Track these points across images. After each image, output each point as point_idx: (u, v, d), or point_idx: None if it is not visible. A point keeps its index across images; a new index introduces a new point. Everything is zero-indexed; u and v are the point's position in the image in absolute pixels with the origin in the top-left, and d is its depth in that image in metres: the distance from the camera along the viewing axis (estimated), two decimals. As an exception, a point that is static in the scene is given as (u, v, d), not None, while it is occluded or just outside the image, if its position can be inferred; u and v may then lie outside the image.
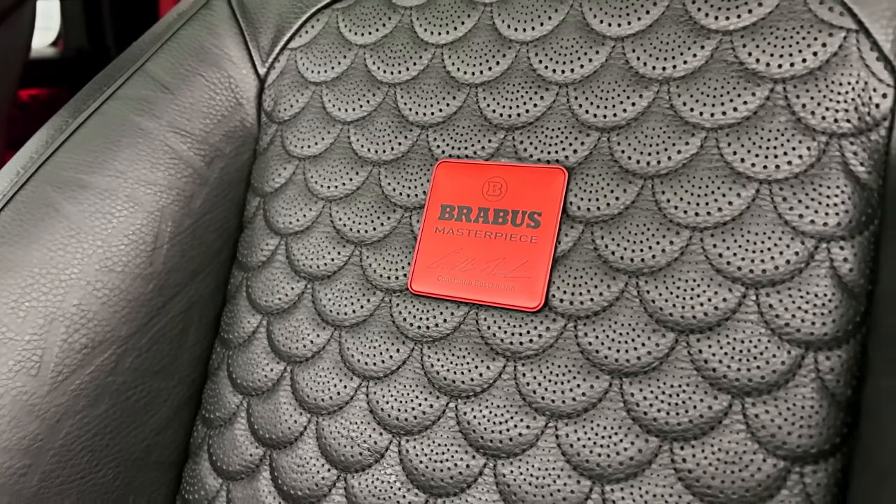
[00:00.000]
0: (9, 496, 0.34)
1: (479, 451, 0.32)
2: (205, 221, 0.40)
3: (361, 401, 0.35)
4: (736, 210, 0.30)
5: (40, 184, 0.38)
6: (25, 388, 0.34)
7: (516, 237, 0.34)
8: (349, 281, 0.37)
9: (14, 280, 0.36)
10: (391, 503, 0.33)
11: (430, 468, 0.33)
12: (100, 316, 0.36)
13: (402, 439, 0.33)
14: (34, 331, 0.35)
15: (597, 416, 0.30)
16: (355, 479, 0.34)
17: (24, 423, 0.34)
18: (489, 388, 0.32)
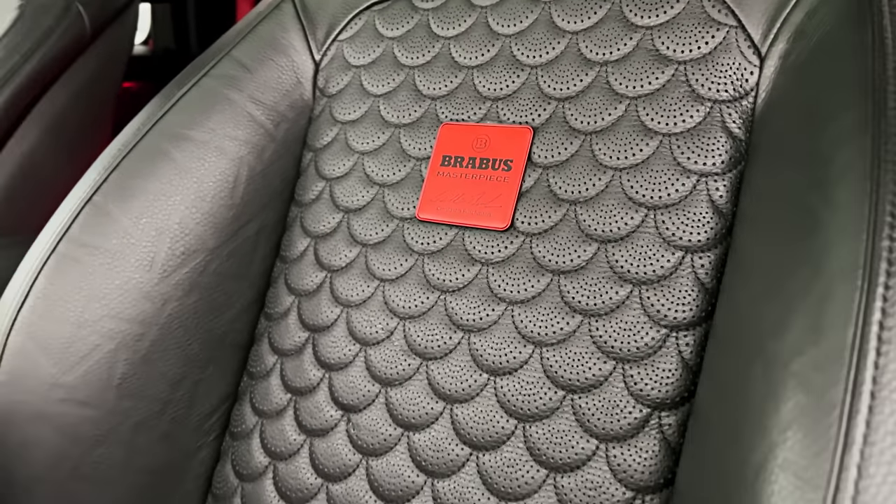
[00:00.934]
0: (127, 353, 0.48)
1: (459, 328, 0.44)
2: (272, 169, 0.54)
3: (378, 296, 0.48)
4: (645, 156, 0.41)
5: (155, 136, 0.52)
6: (142, 279, 0.48)
7: (494, 178, 0.46)
8: (374, 212, 0.50)
9: (137, 203, 0.50)
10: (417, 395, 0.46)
11: (425, 342, 0.45)
12: (194, 232, 0.50)
13: (406, 322, 0.46)
14: (149, 239, 0.49)
15: (540, 302, 0.42)
16: (372, 350, 0.47)
17: (140, 303, 0.48)
18: (468, 286, 0.45)
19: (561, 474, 0.39)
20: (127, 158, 0.51)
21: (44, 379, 0.46)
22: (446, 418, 0.43)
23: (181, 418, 0.50)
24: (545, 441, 0.40)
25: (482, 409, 0.42)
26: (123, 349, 0.48)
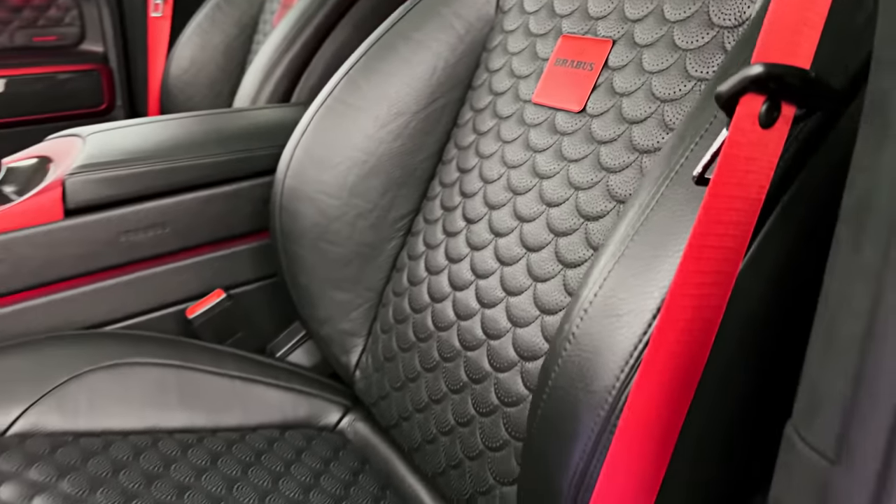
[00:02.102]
0: (356, 169, 0.79)
1: (537, 176, 0.67)
2: (460, 62, 0.79)
3: (499, 153, 0.71)
4: (668, 64, 0.58)
5: (391, 35, 0.80)
6: (370, 126, 0.78)
7: (581, 75, 0.66)
8: (510, 96, 0.73)
9: (374, 79, 0.79)
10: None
11: (517, 183, 0.68)
12: (404, 100, 0.78)
13: (510, 170, 0.69)
14: (377, 102, 0.78)
15: (584, 163, 0.63)
16: (489, 185, 0.71)
17: (367, 141, 0.78)
18: (548, 149, 0.66)
19: (571, 268, 0.61)
20: (372, 48, 0.80)
21: (311, 177, 0.79)
22: (517, 231, 0.67)
23: (383, 216, 0.80)
24: (565, 249, 0.62)
25: (537, 227, 0.65)
26: (354, 167, 0.78)
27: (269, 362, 0.85)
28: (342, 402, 0.84)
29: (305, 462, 0.73)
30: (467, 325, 0.68)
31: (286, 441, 0.75)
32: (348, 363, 0.82)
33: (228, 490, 0.65)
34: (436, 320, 0.71)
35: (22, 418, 0.68)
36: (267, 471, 0.69)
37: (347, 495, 0.70)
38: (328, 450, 0.76)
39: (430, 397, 0.70)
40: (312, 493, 0.69)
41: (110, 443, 0.68)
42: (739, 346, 0.43)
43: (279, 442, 0.75)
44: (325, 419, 0.82)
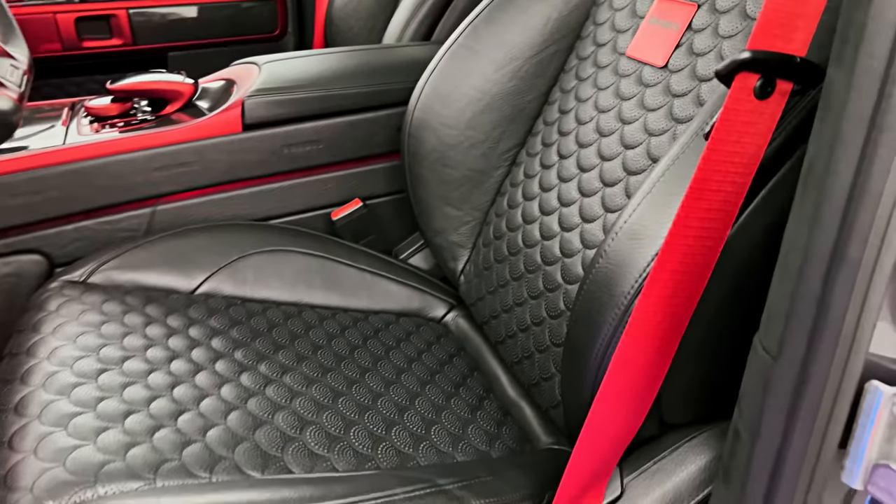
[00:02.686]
0: (472, 106, 0.92)
1: (620, 121, 0.77)
2: (571, 14, 0.89)
3: (594, 98, 0.82)
4: (740, 31, 0.67)
5: (512, -11, 0.92)
6: (487, 69, 0.91)
7: (668, 35, 0.75)
8: (608, 48, 0.83)
9: (494, 27, 0.91)
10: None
11: (604, 127, 0.79)
12: (520, 45, 0.90)
13: (600, 114, 0.80)
14: (495, 47, 0.91)
15: (658, 112, 0.72)
16: (581, 126, 0.83)
17: (484, 82, 0.91)
18: (632, 98, 0.77)
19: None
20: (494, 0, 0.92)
21: (435, 111, 0.94)
22: (598, 169, 0.78)
23: (493, 147, 0.94)
24: (633, 187, 0.73)
25: (614, 166, 0.76)
26: (472, 104, 0.92)
27: (393, 262, 1.03)
28: (448, 301, 1.00)
29: (412, 342, 0.90)
30: (548, 245, 0.81)
31: (399, 325, 0.94)
32: (455, 269, 0.98)
33: (350, 353, 0.84)
34: (524, 239, 0.85)
35: (205, 283, 0.90)
36: (381, 343, 0.88)
37: (442, 370, 0.87)
38: (432, 336, 0.93)
39: (514, 301, 0.85)
40: (414, 364, 0.86)
41: (267, 308, 0.89)
42: (734, 280, 0.54)
43: (393, 325, 0.93)
44: (433, 312, 0.99)
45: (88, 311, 0.79)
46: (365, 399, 0.76)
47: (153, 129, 0.96)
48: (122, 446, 0.61)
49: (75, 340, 0.73)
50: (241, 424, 0.67)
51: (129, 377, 0.70)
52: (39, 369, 0.69)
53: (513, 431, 0.79)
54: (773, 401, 0.46)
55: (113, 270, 0.88)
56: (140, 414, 0.65)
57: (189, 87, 1.01)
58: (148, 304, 0.83)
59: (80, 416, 0.64)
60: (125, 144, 0.94)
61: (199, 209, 1.00)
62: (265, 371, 0.76)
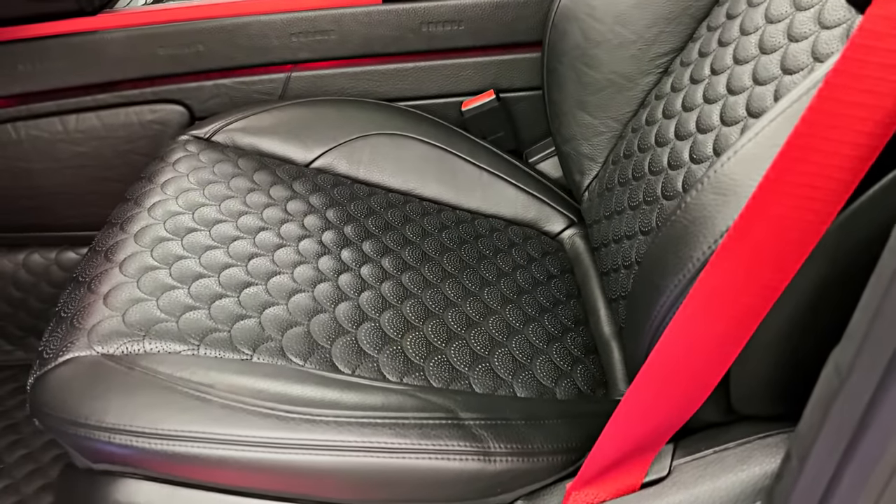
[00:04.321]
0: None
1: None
2: None
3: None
4: None
5: None
6: None
7: None
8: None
9: None
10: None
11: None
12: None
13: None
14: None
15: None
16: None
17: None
18: (776, 23, 0.60)
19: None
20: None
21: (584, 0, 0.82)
22: (746, 94, 0.64)
23: (644, 50, 0.80)
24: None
25: (765, 92, 0.62)
26: None
27: (517, 164, 0.96)
28: (568, 216, 0.92)
29: (520, 250, 0.85)
30: (672, 176, 0.69)
31: (507, 233, 0.88)
32: (580, 183, 0.89)
33: (453, 247, 0.80)
34: (651, 164, 0.74)
35: (321, 158, 0.90)
36: (488, 245, 0.83)
37: (547, 284, 0.80)
38: (541, 249, 0.87)
39: (624, 233, 0.75)
40: (520, 272, 0.81)
41: (374, 193, 0.87)
42: (835, 269, 0.42)
43: (500, 232, 0.87)
44: (549, 226, 0.92)
45: (201, 169, 0.82)
46: (449, 296, 0.73)
47: (295, -9, 0.94)
48: (181, 307, 0.64)
49: (177, 198, 0.77)
50: (281, 291, 0.67)
51: (214, 242, 0.72)
52: (139, 219, 0.73)
53: (589, 373, 0.72)
54: (830, 430, 0.36)
55: (237, 132, 0.90)
56: (209, 280, 0.67)
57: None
58: (258, 171, 0.84)
59: (154, 272, 0.67)
60: (267, 5, 0.93)
61: (332, 80, 0.98)
62: (348, 258, 0.75)
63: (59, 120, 0.95)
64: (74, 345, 0.58)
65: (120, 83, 0.95)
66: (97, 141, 0.96)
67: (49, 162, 0.96)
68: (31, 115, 0.94)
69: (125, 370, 0.55)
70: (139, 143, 0.97)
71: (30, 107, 0.94)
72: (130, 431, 0.52)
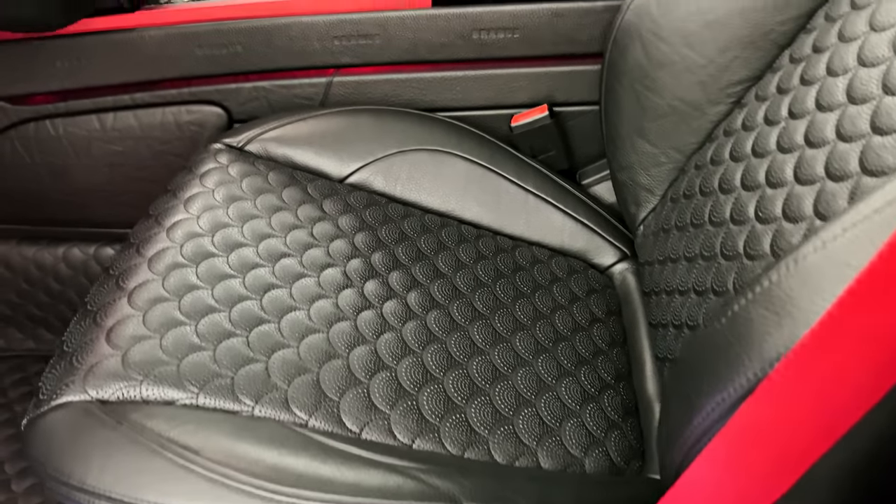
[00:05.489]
0: (708, 31, 0.70)
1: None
2: None
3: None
4: None
5: None
6: None
7: None
8: None
9: None
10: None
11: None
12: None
13: None
14: None
15: None
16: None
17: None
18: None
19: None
20: None
21: (649, 16, 0.73)
22: (827, 149, 0.55)
23: (715, 76, 0.71)
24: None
25: (849, 150, 0.52)
26: (696, 14, 0.70)
27: (567, 187, 0.88)
28: (621, 249, 0.84)
29: (565, 286, 0.78)
30: (734, 231, 0.61)
31: (552, 264, 0.81)
32: (636, 216, 0.81)
33: (473, 290, 0.74)
34: (712, 212, 0.65)
35: (357, 173, 0.85)
36: (529, 279, 0.76)
37: (589, 329, 0.74)
38: (589, 285, 0.79)
39: (678, 285, 0.67)
40: (559, 314, 0.74)
41: (409, 214, 0.81)
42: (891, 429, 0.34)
43: (544, 264, 0.81)
44: (598, 258, 0.84)
45: (229, 183, 0.78)
46: (477, 342, 0.67)
47: (340, -9, 0.88)
48: (186, 348, 0.60)
49: (199, 217, 0.73)
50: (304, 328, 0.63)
51: (231, 270, 0.68)
52: (157, 241, 0.70)
53: (625, 441, 0.65)
54: None
55: (271, 141, 0.85)
56: (219, 315, 0.64)
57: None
58: (288, 187, 0.80)
59: (163, 304, 0.63)
60: (309, 6, 0.87)
61: (376, 86, 0.92)
62: (372, 292, 0.70)
63: (97, 118, 0.92)
64: (69, 388, 0.56)
65: (158, 82, 0.91)
66: (133, 140, 0.94)
67: (85, 159, 0.95)
68: (70, 113, 0.92)
69: (113, 424, 0.52)
70: (175, 143, 0.94)
71: (68, 104, 0.92)
72: (110, 498, 0.49)
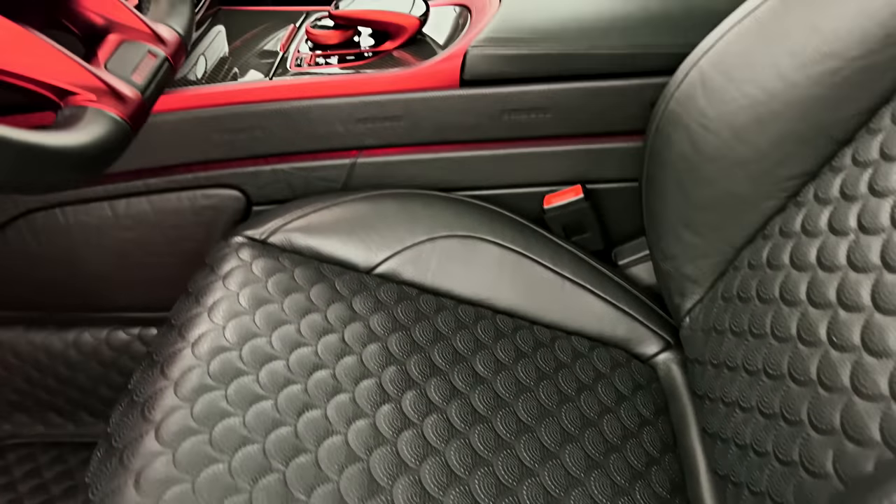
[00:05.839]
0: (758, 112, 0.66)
1: None
2: None
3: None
4: None
5: None
6: (787, 62, 0.63)
7: None
8: None
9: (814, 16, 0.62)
10: None
11: None
12: (844, 38, 0.61)
13: None
14: (804, 32, 0.62)
15: None
16: None
17: (776, 80, 0.64)
18: None
19: None
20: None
21: (696, 105, 0.69)
22: None
23: (767, 171, 0.67)
24: None
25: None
26: (750, 106, 0.66)
27: (605, 272, 0.84)
28: (664, 337, 0.81)
29: (607, 385, 0.74)
30: (804, 352, 0.57)
31: (593, 357, 0.77)
32: (681, 306, 0.77)
33: (516, 396, 0.70)
34: (774, 324, 0.62)
35: (386, 262, 0.81)
36: (571, 378, 0.72)
37: (639, 434, 0.70)
38: (633, 381, 0.76)
39: (737, 400, 0.63)
40: (607, 419, 0.70)
41: (442, 308, 0.77)
42: None
43: (585, 357, 0.77)
44: (641, 347, 0.81)
45: (254, 283, 0.74)
46: (525, 460, 0.64)
47: (361, 72, 0.84)
48: (220, 493, 0.56)
49: (225, 328, 0.69)
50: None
51: (262, 391, 0.64)
52: (181, 358, 0.66)
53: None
54: None
55: (295, 232, 0.81)
56: (253, 448, 0.60)
57: (413, 23, 0.86)
58: (316, 284, 0.76)
59: (193, 439, 0.59)
60: (330, 88, 0.84)
61: (402, 168, 0.88)
62: (410, 407, 0.66)
63: (109, 205, 0.88)
64: (121, 492, 0.53)
65: (173, 167, 0.87)
66: (147, 227, 0.89)
67: (96, 247, 0.90)
68: (80, 200, 0.88)
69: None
70: (190, 229, 0.90)
71: (78, 192, 0.88)
72: None
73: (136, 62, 0.54)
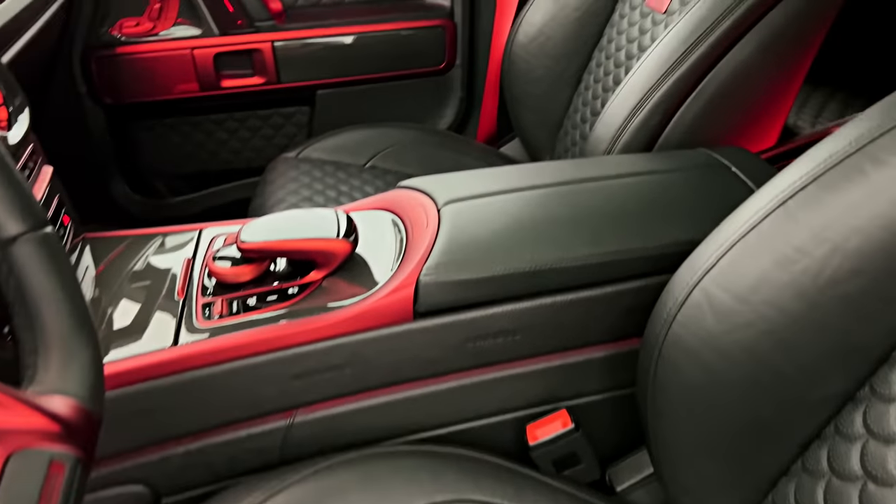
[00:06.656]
0: (771, 338, 0.58)
1: None
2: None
3: None
4: None
5: (857, 157, 0.55)
6: (805, 283, 0.56)
7: None
8: None
9: (822, 214, 0.56)
10: None
11: None
12: (863, 249, 0.54)
13: None
14: (823, 252, 0.55)
15: None
16: None
17: (794, 300, 0.57)
18: None
19: None
20: (826, 173, 0.56)
21: (705, 328, 0.60)
22: None
23: (800, 395, 0.59)
24: None
25: None
26: (768, 334, 0.58)
27: (611, 511, 0.72)
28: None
29: None
30: None
31: None
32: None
33: None
34: None
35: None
36: None
37: None
38: None
39: None
40: None
41: None
42: None
43: None
44: None
45: None
46: None
47: (292, 316, 0.69)
48: None
49: None
50: None
51: None
52: None
53: None
54: None
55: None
56: None
57: (345, 248, 0.72)
58: None
59: None
60: (252, 345, 0.68)
61: (350, 419, 0.73)
62: None
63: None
64: None
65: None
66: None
67: None
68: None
69: None
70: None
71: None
72: None
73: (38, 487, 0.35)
